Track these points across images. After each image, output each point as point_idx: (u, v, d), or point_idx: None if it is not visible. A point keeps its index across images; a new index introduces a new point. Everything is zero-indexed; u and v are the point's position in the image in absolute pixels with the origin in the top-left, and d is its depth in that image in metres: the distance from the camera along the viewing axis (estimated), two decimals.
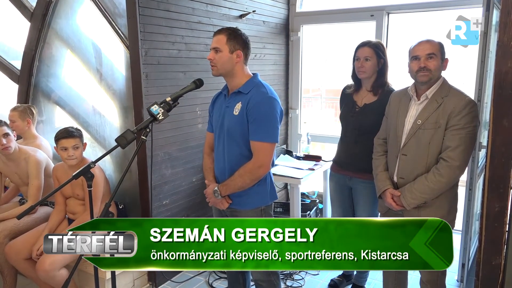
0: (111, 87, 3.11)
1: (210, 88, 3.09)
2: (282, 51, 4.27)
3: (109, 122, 3.19)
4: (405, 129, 2.19)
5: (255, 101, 2.06)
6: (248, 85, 2.13)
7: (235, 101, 2.13)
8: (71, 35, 3.25)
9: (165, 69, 2.96)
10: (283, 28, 4.24)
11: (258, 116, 2.04)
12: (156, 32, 2.85)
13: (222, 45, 2.08)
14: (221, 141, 2.20)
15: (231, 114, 2.12)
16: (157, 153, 2.95)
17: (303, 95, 4.46)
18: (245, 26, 3.67)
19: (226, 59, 2.09)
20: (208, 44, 3.25)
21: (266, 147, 2.06)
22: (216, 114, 2.25)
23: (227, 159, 2.17)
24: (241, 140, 2.11)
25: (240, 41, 2.12)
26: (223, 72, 2.11)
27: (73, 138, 2.62)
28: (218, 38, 2.09)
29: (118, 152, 3.12)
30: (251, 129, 2.06)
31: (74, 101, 3.36)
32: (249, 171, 2.07)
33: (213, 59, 2.10)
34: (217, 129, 2.23)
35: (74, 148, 2.61)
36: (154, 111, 1.82)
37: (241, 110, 2.09)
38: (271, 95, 2.09)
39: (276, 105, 2.08)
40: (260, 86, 2.13)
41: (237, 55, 2.11)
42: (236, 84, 2.15)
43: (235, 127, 2.10)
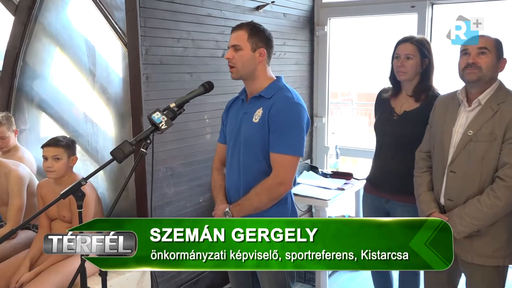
0: (106, 91, 3.16)
1: (221, 92, 3.12)
2: (305, 49, 4.29)
3: (103, 132, 3.24)
4: (453, 141, 2.17)
5: (278, 106, 2.08)
6: (271, 89, 2.15)
7: (255, 106, 2.16)
8: (61, 31, 3.33)
9: (169, 70, 3.00)
10: (307, 22, 4.26)
11: (281, 124, 2.06)
12: (158, 27, 2.91)
13: (243, 42, 2.11)
14: (235, 153, 2.21)
15: (250, 121, 2.14)
16: (158, 168, 2.97)
17: (331, 100, 4.47)
18: (263, 20, 3.71)
19: (248, 59, 2.12)
20: (219, 40, 3.29)
21: (289, 161, 2.07)
22: (232, 122, 2.27)
23: (242, 174, 2.18)
24: (260, 152, 2.12)
25: (263, 37, 2.15)
26: (244, 73, 2.14)
27: (55, 148, 2.66)
28: (238, 34, 2.13)
29: (113, 167, 3.15)
30: (272, 139, 2.08)
31: (63, 106, 3.42)
32: (267, 189, 2.08)
33: (232, 59, 2.12)
34: (232, 139, 2.24)
35: (53, 159, 2.65)
36: (156, 119, 1.84)
37: (262, 117, 2.11)
38: (297, 101, 2.11)
39: (302, 113, 2.10)
40: (285, 90, 2.15)
41: (260, 53, 2.14)
42: (257, 87, 2.17)
43: (254, 137, 2.12)
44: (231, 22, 3.30)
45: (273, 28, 3.83)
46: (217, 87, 2.23)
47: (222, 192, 2.30)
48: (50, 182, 2.78)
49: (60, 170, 2.67)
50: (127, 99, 2.99)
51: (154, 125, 1.85)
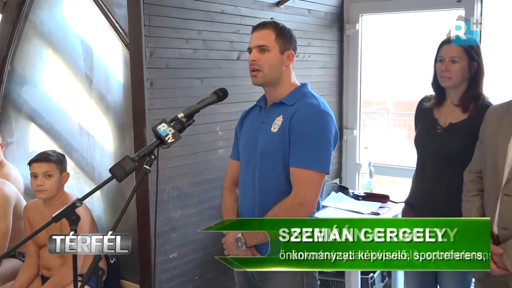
0: (104, 99, 3.20)
1: (236, 100, 3.13)
2: (333, 50, 4.29)
3: (100, 145, 3.27)
4: (509, 160, 2.15)
5: (301, 114, 2.09)
6: (294, 95, 2.17)
7: (275, 114, 2.17)
8: (54, 30, 3.39)
9: (176, 75, 3.03)
10: (335, 19, 4.27)
11: (304, 134, 2.06)
12: (165, 26, 2.94)
13: (270, 42, 2.14)
14: (250, 168, 2.22)
15: (268, 131, 2.16)
16: (163, 188, 2.98)
17: (363, 110, 4.45)
18: (284, 17, 3.73)
19: (276, 62, 2.14)
20: (234, 41, 3.32)
21: (312, 178, 2.06)
22: (247, 133, 2.28)
23: (258, 193, 2.18)
24: (279, 167, 2.12)
25: (291, 38, 2.20)
26: (270, 78, 2.16)
27: (47, 163, 2.69)
28: (264, 33, 2.15)
29: (111, 186, 3.18)
30: (293, 151, 2.08)
31: (55, 116, 3.47)
32: (285, 209, 2.07)
33: (257, 61, 2.14)
34: (246, 152, 2.25)
35: (45, 176, 2.68)
36: (162, 132, 1.86)
37: (281, 125, 2.12)
38: (323, 109, 2.12)
39: (330, 122, 2.11)
40: (310, 97, 2.17)
41: (288, 56, 2.17)
42: (279, 94, 2.19)
43: (272, 149, 2.13)
44: (248, 20, 3.33)
45: (296, 27, 3.84)
46: (231, 95, 2.24)
47: (233, 215, 2.30)
48: (39, 203, 2.81)
49: (52, 189, 2.70)
50: (128, 108, 3.02)
51: (160, 138, 1.86)
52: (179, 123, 1.92)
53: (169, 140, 1.85)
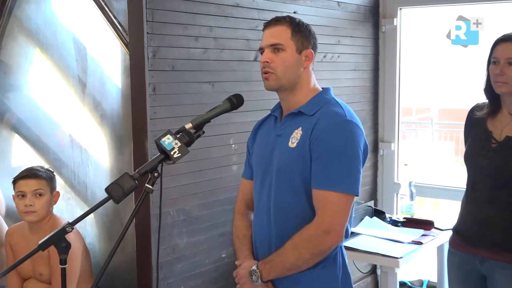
0: (100, 106, 3.21)
1: (253, 107, 3.13)
2: (367, 49, 4.28)
3: (95, 161, 3.28)
4: None
5: (324, 126, 2.08)
6: (315, 103, 2.16)
7: (293, 126, 2.16)
8: (42, 27, 3.42)
9: (183, 78, 3.04)
10: (369, 13, 4.27)
11: (328, 149, 2.05)
12: (170, 21, 2.95)
13: (285, 40, 2.13)
14: (265, 190, 2.21)
15: (285, 146, 2.15)
16: (168, 211, 2.98)
17: (402, 120, 4.44)
18: (309, 11, 3.74)
19: (292, 62, 2.14)
20: (250, 39, 3.33)
21: (339, 201, 2.05)
22: (260, 148, 2.28)
23: (274, 219, 2.17)
24: (299, 188, 2.11)
25: (309, 35, 2.18)
26: (285, 82, 2.15)
27: (36, 180, 2.70)
28: (277, 30, 2.15)
29: (107, 208, 3.18)
30: (316, 170, 2.07)
31: (42, 126, 3.49)
32: (308, 239, 2.06)
33: (270, 62, 2.14)
34: (260, 171, 2.25)
35: (35, 195, 2.69)
36: (167, 145, 1.86)
37: (301, 140, 2.11)
38: (350, 119, 2.11)
39: (358, 134, 2.10)
40: (334, 105, 2.15)
41: (307, 56, 2.16)
42: (297, 101, 2.18)
43: (290, 167, 2.12)
44: (267, 15, 3.33)
45: (323, 22, 3.85)
46: (248, 102, 2.23)
47: (247, 244, 2.29)
48: (23, 228, 2.82)
49: (43, 210, 2.71)
50: (127, 117, 3.03)
51: (164, 152, 1.86)
52: (187, 135, 1.92)
53: (175, 155, 1.85)
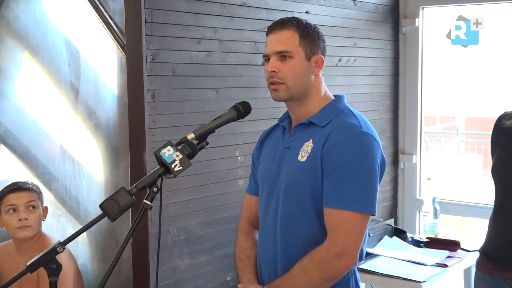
0: (94, 114, 3.22)
1: (261, 116, 3.13)
2: (386, 53, 4.28)
3: (88, 174, 3.28)
4: None
5: (337, 138, 2.08)
6: (327, 112, 2.16)
7: (303, 138, 2.17)
8: (31, 29, 3.43)
9: (184, 84, 3.04)
10: (388, 13, 4.27)
11: (341, 164, 2.05)
12: (171, 22, 2.96)
13: (293, 47, 2.13)
14: (271, 207, 2.22)
15: (294, 160, 2.15)
16: (168, 229, 2.98)
17: (425, 129, 4.44)
18: (323, 11, 3.74)
19: (302, 71, 2.14)
20: (258, 41, 3.33)
21: (353, 221, 2.05)
22: (267, 161, 2.28)
23: (281, 240, 2.17)
24: (309, 206, 2.12)
25: (318, 38, 2.18)
26: (296, 92, 2.15)
27: (28, 192, 2.72)
28: (284, 35, 2.15)
29: (101, 226, 3.18)
30: (328, 187, 2.07)
31: (31, 137, 3.49)
32: (318, 263, 2.06)
33: (278, 72, 2.13)
34: (266, 187, 2.25)
35: (28, 208, 2.69)
36: (167, 157, 1.86)
37: (312, 153, 2.11)
38: (365, 130, 2.11)
39: (374, 147, 2.10)
40: (347, 115, 2.15)
41: (316, 62, 2.16)
42: (307, 111, 2.18)
43: (299, 183, 2.12)
44: (276, 15, 3.34)
45: (338, 23, 3.85)
46: (255, 110, 2.23)
47: (251, 266, 2.29)
48: (9, 248, 2.82)
49: (38, 224, 2.72)
50: (123, 127, 3.04)
51: (164, 165, 1.86)
52: (189, 147, 1.91)
53: (176, 168, 1.85)
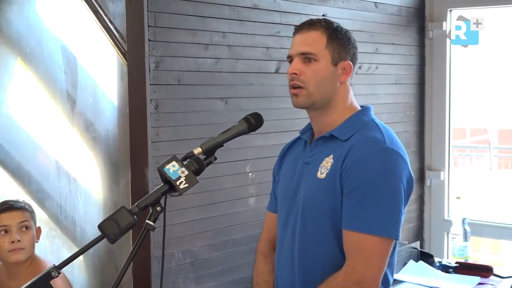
0: (92, 127, 3.23)
1: (274, 129, 3.14)
2: (411, 59, 4.28)
3: (85, 191, 3.29)
4: None
5: (358, 153, 2.08)
6: (350, 125, 2.17)
7: (323, 152, 2.17)
8: (25, 34, 3.45)
9: (190, 94, 3.05)
10: (413, 16, 4.28)
11: (362, 183, 2.05)
12: (176, 26, 2.98)
13: (319, 49, 2.14)
14: (289, 227, 2.22)
15: (313, 176, 2.16)
16: (172, 252, 2.99)
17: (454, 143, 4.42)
18: (342, 14, 3.75)
19: (326, 76, 2.14)
20: (271, 46, 3.35)
21: (374, 246, 2.05)
22: (286, 177, 2.29)
23: (299, 263, 2.18)
24: (327, 227, 2.12)
25: (348, 43, 2.19)
26: (317, 99, 2.15)
27: (21, 212, 2.73)
28: (310, 36, 2.16)
29: (98, 249, 3.19)
30: (348, 207, 2.07)
31: (24, 151, 3.51)
32: None
33: (300, 75, 2.14)
34: (285, 205, 2.26)
35: (21, 229, 2.71)
36: (171, 173, 1.86)
37: (331, 170, 2.11)
38: (390, 146, 2.10)
39: (400, 166, 2.09)
40: (372, 128, 2.15)
41: (344, 69, 2.17)
42: (330, 122, 2.19)
43: (318, 202, 2.13)
44: (290, 18, 3.36)
45: (358, 27, 3.86)
46: (268, 122, 2.23)
47: None
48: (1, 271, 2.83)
49: (31, 246, 2.74)
50: (124, 140, 3.05)
51: (168, 182, 1.86)
52: (196, 162, 1.92)
53: (181, 186, 1.85)
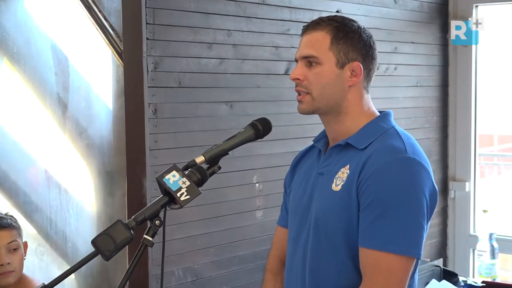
0: (85, 133, 3.25)
1: (283, 136, 3.16)
2: (433, 59, 4.30)
3: (77, 204, 3.30)
4: None
5: (376, 164, 2.07)
6: (367, 133, 2.17)
7: (339, 162, 2.18)
8: (12, 32, 3.46)
9: (192, 97, 3.08)
10: (435, 13, 4.30)
11: (380, 196, 2.05)
12: (176, 24, 3.00)
13: (322, 51, 2.15)
14: (300, 243, 2.23)
15: (327, 189, 2.16)
16: (171, 270, 3.00)
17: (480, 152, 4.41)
18: (357, 10, 3.78)
19: (330, 80, 2.15)
20: (280, 46, 3.37)
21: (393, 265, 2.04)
22: (298, 189, 2.30)
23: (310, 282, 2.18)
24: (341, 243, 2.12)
25: (358, 42, 2.18)
26: (322, 105, 2.17)
27: (8, 230, 2.76)
28: (314, 37, 2.17)
29: (92, 266, 3.20)
30: (365, 223, 2.07)
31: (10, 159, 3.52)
32: None
33: (302, 80, 2.16)
34: (296, 220, 2.27)
35: (9, 250, 2.73)
36: (172, 184, 1.87)
37: (347, 181, 2.11)
38: (413, 156, 2.10)
39: (422, 178, 2.09)
40: (391, 136, 2.15)
41: (353, 71, 2.17)
42: (344, 130, 2.19)
43: (331, 217, 2.13)
44: (301, 15, 3.38)
45: (375, 24, 3.87)
46: (276, 128, 2.25)
47: None
48: None
49: (21, 268, 2.77)
50: (120, 148, 3.07)
51: (168, 194, 1.88)
52: (198, 172, 1.93)
53: (182, 198, 1.86)
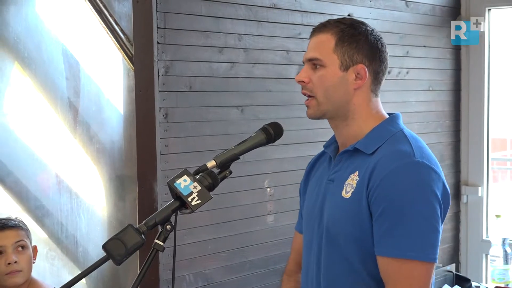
0: (95, 138, 3.25)
1: (295, 140, 3.15)
2: (445, 63, 4.28)
3: (88, 208, 3.31)
4: None
5: (384, 170, 2.05)
6: (375, 137, 2.15)
7: (348, 168, 2.16)
8: (23, 37, 3.48)
9: (203, 101, 3.07)
10: (447, 16, 4.27)
11: (391, 204, 2.03)
12: (187, 28, 3.00)
13: (326, 53, 2.14)
14: (313, 255, 2.22)
15: (338, 196, 2.15)
16: (183, 275, 2.99)
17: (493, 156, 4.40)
18: (369, 13, 3.76)
19: (334, 83, 2.14)
20: (291, 49, 3.36)
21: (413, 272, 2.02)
22: (311, 196, 2.29)
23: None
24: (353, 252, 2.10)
25: (364, 44, 2.16)
26: (329, 109, 2.15)
27: (16, 230, 2.75)
28: (319, 39, 2.16)
29: (103, 271, 3.19)
30: (379, 231, 2.05)
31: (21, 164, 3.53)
32: None
33: (307, 83, 2.16)
34: (309, 229, 2.26)
35: (17, 250, 2.73)
36: (183, 189, 1.87)
37: (357, 188, 2.10)
38: (421, 160, 2.07)
39: (433, 181, 2.06)
40: (399, 139, 2.13)
41: (358, 74, 2.15)
42: (353, 134, 2.18)
43: (342, 225, 2.11)
44: (312, 18, 3.37)
45: (387, 28, 3.86)
46: (288, 133, 2.24)
47: None
48: None
49: (29, 268, 2.76)
50: (130, 152, 3.07)
51: (179, 198, 1.88)
52: (209, 176, 1.93)
53: (193, 202, 1.86)
